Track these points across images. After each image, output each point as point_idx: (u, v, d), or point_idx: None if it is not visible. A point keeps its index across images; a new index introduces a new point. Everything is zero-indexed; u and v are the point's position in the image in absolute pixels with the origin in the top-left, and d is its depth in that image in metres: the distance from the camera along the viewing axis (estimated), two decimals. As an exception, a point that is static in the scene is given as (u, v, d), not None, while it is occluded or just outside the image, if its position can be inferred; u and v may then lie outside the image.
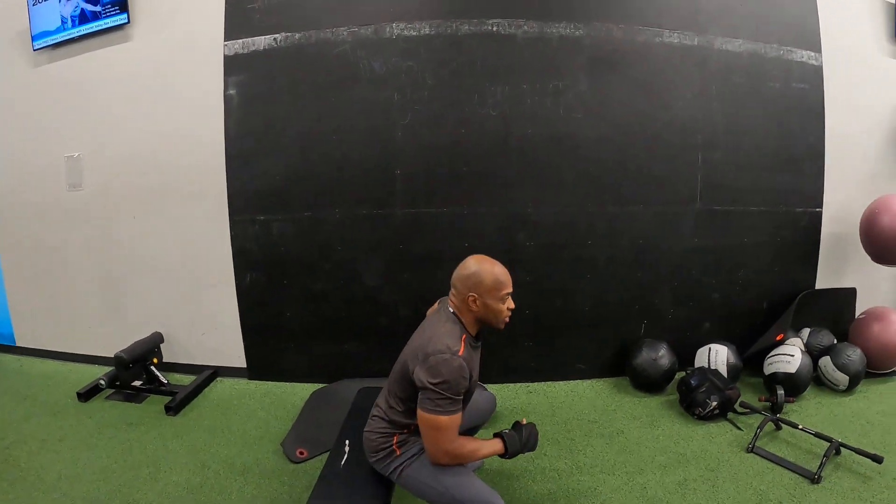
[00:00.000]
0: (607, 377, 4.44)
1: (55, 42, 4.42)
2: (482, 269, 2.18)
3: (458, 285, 2.22)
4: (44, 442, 3.49)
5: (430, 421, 2.04)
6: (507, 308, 2.23)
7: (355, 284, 4.22)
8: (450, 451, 2.08)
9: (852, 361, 4.05)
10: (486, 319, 2.23)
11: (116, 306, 4.69)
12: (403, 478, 2.23)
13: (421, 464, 2.22)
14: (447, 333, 2.14)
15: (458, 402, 2.06)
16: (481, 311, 2.20)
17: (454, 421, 2.06)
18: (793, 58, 4.42)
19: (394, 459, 2.25)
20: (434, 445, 2.09)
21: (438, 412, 2.02)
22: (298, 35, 4.03)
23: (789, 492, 2.89)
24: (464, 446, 2.13)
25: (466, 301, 2.18)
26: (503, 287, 2.19)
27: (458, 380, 2.04)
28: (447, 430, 2.05)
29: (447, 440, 2.07)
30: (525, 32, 4.01)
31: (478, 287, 2.16)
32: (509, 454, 2.25)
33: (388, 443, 2.27)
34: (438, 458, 2.11)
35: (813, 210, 4.60)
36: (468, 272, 2.19)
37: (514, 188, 4.10)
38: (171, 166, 4.32)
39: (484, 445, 2.21)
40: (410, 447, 2.26)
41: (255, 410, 3.95)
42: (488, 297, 2.17)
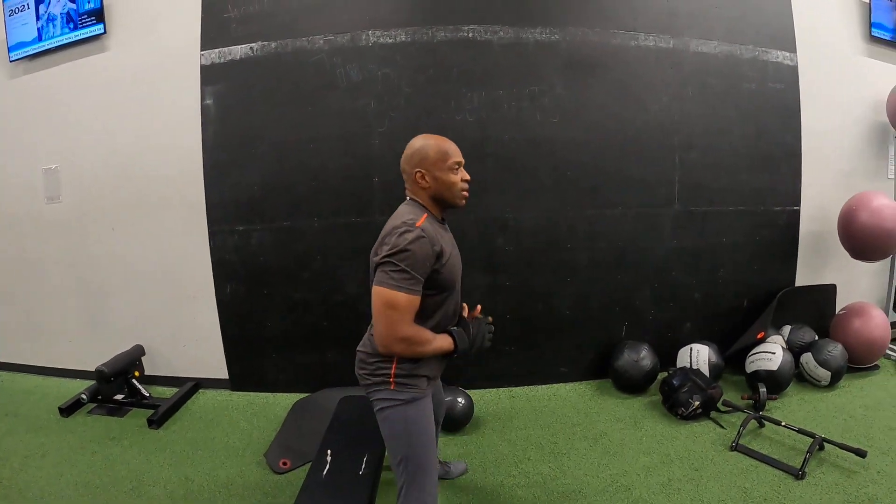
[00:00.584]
0: (590, 380, 4.45)
1: (32, 53, 4.41)
2: (426, 143, 2.10)
3: (405, 166, 2.13)
4: (26, 458, 3.45)
5: (385, 296, 1.87)
6: (460, 179, 2.12)
7: (336, 293, 4.21)
8: (406, 335, 1.91)
9: (834, 357, 4.08)
10: (441, 195, 2.12)
11: (96, 319, 4.66)
12: (382, 418, 2.09)
13: (404, 414, 2.06)
14: (404, 213, 2.04)
15: (417, 281, 1.90)
16: (433, 186, 2.09)
17: (412, 302, 1.90)
18: (768, 58, 4.46)
19: (384, 391, 2.07)
20: (388, 327, 1.90)
21: (395, 286, 1.86)
22: (275, 44, 4.02)
23: (774, 489, 2.91)
24: (419, 333, 1.96)
25: (415, 179, 2.09)
26: (449, 156, 2.09)
27: (418, 251, 1.89)
28: (404, 311, 1.89)
29: (403, 323, 1.90)
30: (501, 38, 4.02)
31: (423, 161, 2.07)
32: (459, 351, 2.09)
33: (386, 369, 2.07)
34: (391, 345, 1.93)
35: (791, 208, 4.64)
36: (413, 149, 2.11)
37: (493, 193, 4.11)
38: (149, 177, 4.30)
39: (436, 341, 2.02)
40: (405, 389, 2.06)
41: (238, 422, 3.93)
42: (436, 168, 2.07)
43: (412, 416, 2.07)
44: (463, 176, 2.13)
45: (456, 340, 2.08)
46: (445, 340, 2.06)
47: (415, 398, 2.07)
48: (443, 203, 2.15)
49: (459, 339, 2.09)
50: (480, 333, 2.18)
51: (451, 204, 2.15)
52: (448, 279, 2.04)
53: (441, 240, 2.01)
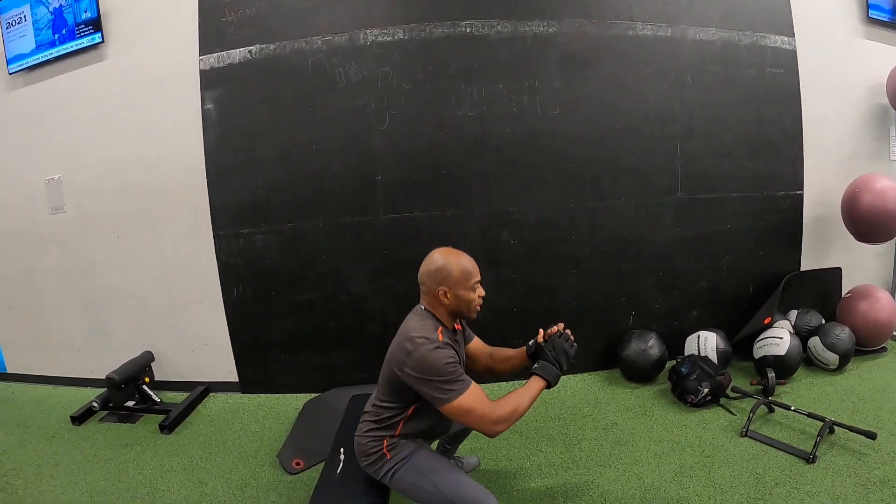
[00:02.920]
0: (598, 370, 4.46)
1: (31, 65, 4.41)
2: (449, 261, 2.17)
3: (426, 281, 2.20)
4: (40, 468, 3.46)
5: (455, 409, 2.01)
6: (477, 296, 2.22)
7: (342, 293, 4.22)
8: (495, 418, 2.03)
9: (841, 340, 4.08)
10: (458, 311, 2.22)
11: (105, 327, 4.66)
12: (396, 481, 2.20)
13: (412, 466, 2.18)
14: (421, 326, 2.12)
15: (462, 377, 2.04)
16: (453, 304, 2.18)
17: (474, 393, 2.03)
18: (766, 43, 4.45)
19: (385, 463, 2.21)
20: (479, 424, 2.04)
21: (454, 397, 1.99)
22: (273, 46, 4.02)
23: (785, 473, 2.91)
24: (506, 405, 2.07)
25: (437, 296, 2.17)
26: (472, 276, 2.18)
27: (449, 364, 2.01)
28: (477, 405, 2.01)
29: (485, 412, 2.02)
30: (498, 32, 4.02)
31: (447, 280, 2.14)
32: (551, 384, 2.22)
33: (378, 447, 2.23)
34: (495, 430, 2.05)
35: (794, 193, 4.63)
36: (435, 266, 2.17)
37: (495, 188, 4.11)
38: (152, 184, 4.31)
39: (526, 392, 2.15)
40: (400, 450, 2.21)
41: (250, 424, 3.94)
42: (458, 288, 2.16)
43: (419, 462, 2.19)
44: (480, 293, 2.24)
45: (544, 377, 2.20)
46: (537, 385, 2.19)
47: (413, 451, 2.21)
48: (458, 316, 2.28)
49: (545, 372, 2.21)
50: (559, 350, 2.30)
51: (465, 317, 2.28)
52: None
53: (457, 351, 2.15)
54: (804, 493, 2.72)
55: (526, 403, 2.11)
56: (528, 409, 2.13)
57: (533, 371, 2.23)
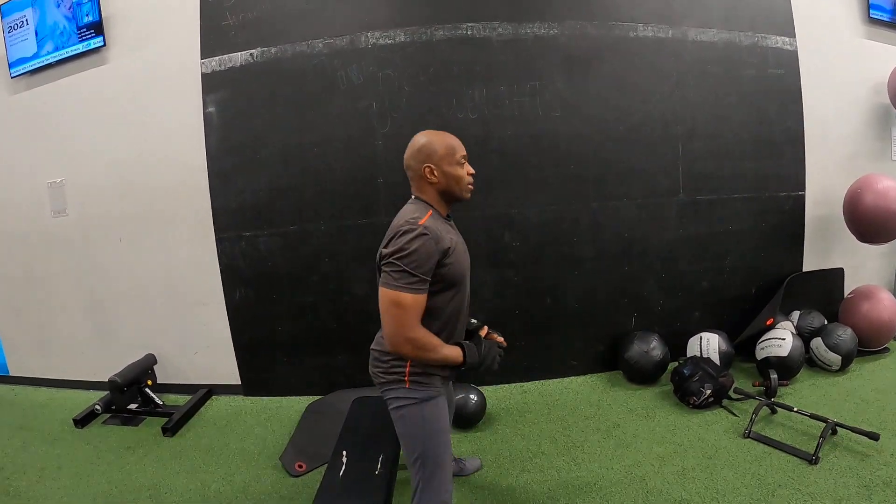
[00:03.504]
0: (601, 372, 4.45)
1: (33, 68, 4.42)
2: (431, 138, 2.10)
3: (411, 163, 2.12)
4: (43, 470, 3.47)
5: (391, 297, 1.89)
6: (466, 173, 2.14)
7: (344, 295, 4.23)
8: (412, 337, 1.92)
9: (844, 341, 4.08)
10: (448, 189, 2.12)
11: (107, 330, 4.68)
12: (398, 416, 2.10)
13: (420, 412, 2.07)
14: (409, 212, 2.04)
15: (423, 281, 1.91)
16: (441, 181, 2.10)
17: (418, 301, 1.91)
18: (767, 44, 4.45)
19: (399, 389, 2.09)
20: (395, 327, 1.92)
21: (399, 287, 1.88)
22: (275, 49, 4.03)
23: (788, 474, 2.91)
24: (428, 337, 1.96)
25: (424, 175, 2.09)
26: (457, 150, 2.11)
27: (421, 250, 1.89)
28: (409, 311, 1.90)
29: (410, 323, 1.91)
30: (500, 34, 4.02)
31: (432, 156, 2.07)
32: (466, 365, 2.07)
33: (400, 367, 2.09)
34: (399, 345, 1.94)
35: (796, 193, 4.63)
36: (419, 145, 2.10)
37: (498, 189, 4.11)
38: (154, 187, 4.32)
39: (446, 349, 2.02)
40: (420, 388, 2.08)
41: (252, 427, 3.95)
42: (444, 163, 2.07)
43: (428, 414, 2.07)
44: (468, 170, 2.15)
45: (466, 353, 2.07)
46: (454, 351, 2.05)
47: (430, 396, 2.07)
48: (450, 197, 2.16)
49: (469, 352, 2.08)
50: (491, 354, 2.17)
51: (457, 197, 2.16)
52: (455, 274, 2.03)
53: (447, 235, 2.01)
54: (807, 495, 2.72)
55: (438, 356, 2.00)
56: (434, 363, 2.02)
57: (461, 343, 2.12)
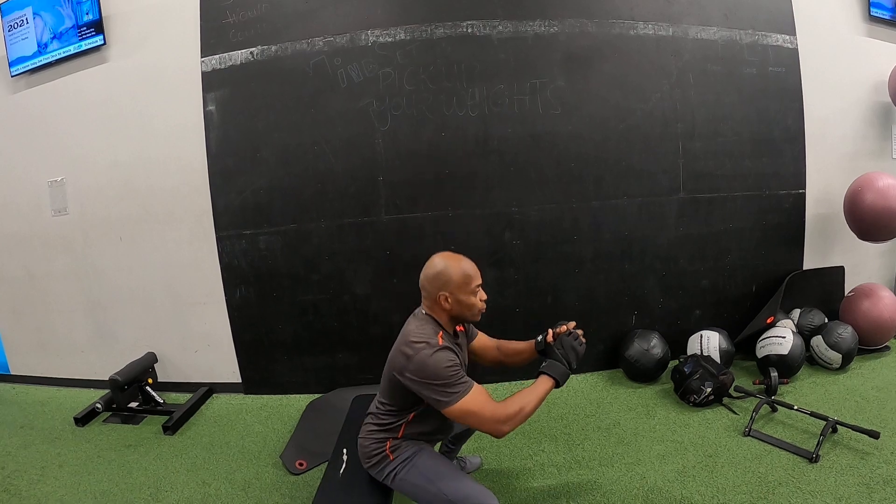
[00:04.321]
0: (601, 370, 4.45)
1: (33, 67, 4.42)
2: (449, 265, 2.14)
3: (427, 286, 2.18)
4: (44, 469, 3.47)
5: (458, 412, 1.98)
6: (479, 300, 2.19)
7: (345, 294, 4.23)
8: (500, 418, 1.99)
9: (844, 339, 4.08)
10: (460, 315, 2.19)
11: (108, 329, 4.67)
12: (398, 482, 2.19)
13: (414, 467, 2.17)
14: (421, 331, 2.10)
15: (464, 379, 2.01)
16: (455, 308, 2.16)
17: (477, 394, 2.00)
18: (768, 42, 4.44)
19: (388, 464, 2.21)
20: (484, 425, 2.00)
21: (456, 399, 1.96)
22: (275, 47, 4.03)
23: (788, 473, 2.91)
24: (512, 405, 2.02)
25: (438, 301, 2.15)
26: (472, 280, 2.15)
27: (448, 360, 2.00)
28: (481, 406, 1.98)
29: (490, 413, 1.98)
30: (500, 32, 4.02)
31: (447, 285, 2.12)
32: (559, 383, 2.16)
33: (381, 448, 2.23)
34: (501, 431, 2.00)
35: (796, 192, 4.63)
36: (435, 271, 2.15)
37: (498, 188, 4.11)
38: (154, 185, 4.31)
39: (533, 391, 2.09)
40: (403, 451, 2.20)
41: (253, 425, 3.95)
42: (460, 292, 2.13)
43: (421, 463, 2.18)
44: (482, 296, 2.20)
45: (552, 376, 2.15)
46: (545, 385, 2.13)
47: (416, 452, 2.20)
48: (460, 321, 2.24)
49: (553, 371, 2.16)
50: (568, 349, 2.25)
51: (467, 321, 2.26)
52: None
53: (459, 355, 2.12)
54: (807, 493, 2.72)
55: (533, 402, 2.06)
56: (537, 408, 2.07)
57: (541, 370, 2.18)
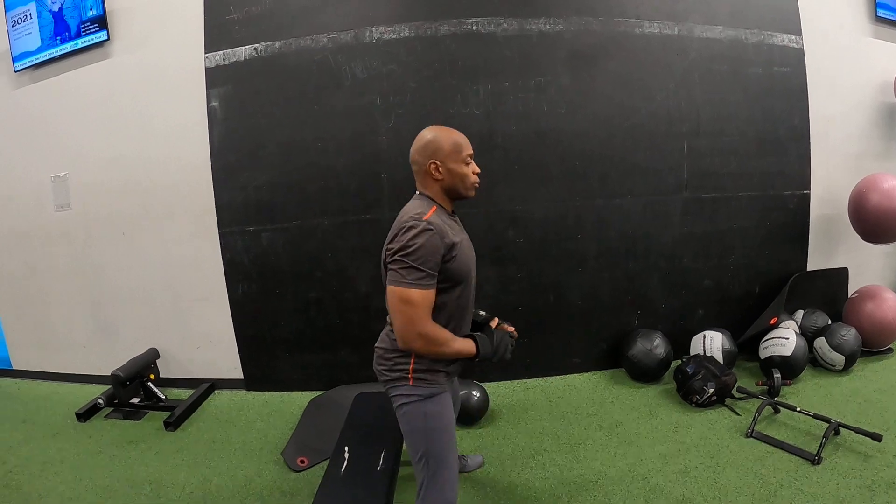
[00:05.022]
0: (603, 369, 4.45)
1: (36, 62, 4.42)
2: (438, 135, 2.08)
3: (417, 158, 2.11)
4: (45, 464, 3.47)
5: (400, 294, 1.88)
6: (472, 172, 2.12)
7: (347, 291, 4.23)
8: (424, 333, 1.91)
9: (847, 341, 4.07)
10: (453, 187, 2.11)
11: (110, 324, 4.68)
12: (402, 413, 2.10)
13: (423, 408, 2.06)
14: (413, 208, 2.03)
15: (430, 276, 1.90)
16: (446, 178, 2.08)
17: (426, 297, 1.90)
18: (774, 42, 4.43)
19: (403, 387, 2.08)
20: (405, 324, 1.90)
21: (408, 284, 1.86)
22: (279, 44, 4.02)
23: (790, 474, 2.90)
24: (440, 332, 1.95)
25: (429, 171, 2.08)
26: (463, 148, 2.09)
27: (427, 245, 1.88)
28: (419, 307, 1.88)
29: (420, 319, 1.89)
30: (504, 30, 4.01)
31: (437, 153, 2.06)
32: (479, 356, 2.06)
33: (404, 364, 2.08)
34: (411, 341, 1.93)
35: (801, 192, 4.61)
36: (425, 141, 2.09)
37: (501, 186, 4.11)
38: (157, 181, 4.32)
39: (458, 343, 2.01)
40: (424, 387, 2.07)
41: (254, 421, 3.95)
42: (450, 160, 2.06)
43: (431, 411, 2.06)
44: (474, 168, 2.13)
45: (479, 345, 2.06)
46: (467, 344, 2.04)
47: (434, 393, 2.06)
48: (454, 195, 2.14)
49: (482, 344, 2.07)
50: (504, 344, 2.16)
51: (462, 195, 2.15)
52: (460, 270, 2.01)
53: (451, 231, 2.00)
54: (809, 495, 2.71)
55: (451, 350, 1.99)
56: (447, 357, 2.03)
57: (476, 335, 2.10)
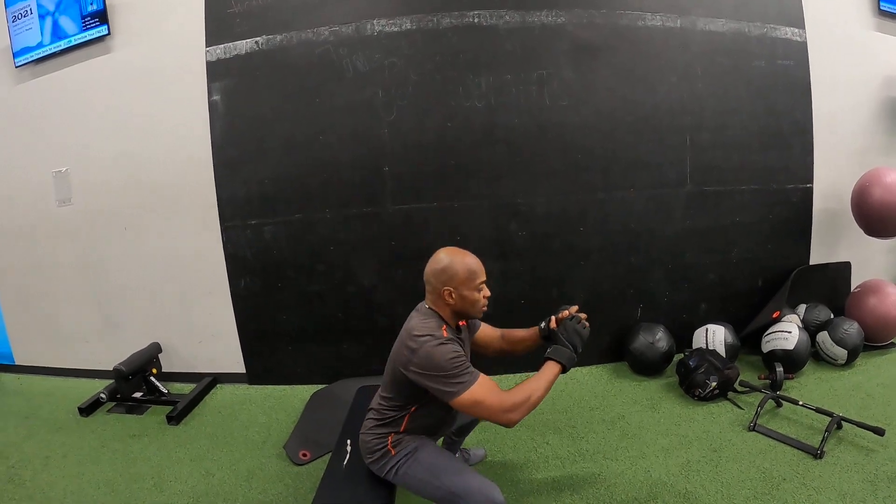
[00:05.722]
0: (606, 363, 4.45)
1: (37, 58, 4.40)
2: (454, 260, 2.14)
3: (431, 280, 2.18)
4: (48, 459, 3.48)
5: (465, 402, 1.97)
6: (483, 297, 2.19)
7: (350, 284, 4.22)
8: (508, 407, 1.98)
9: (850, 335, 4.05)
10: (463, 311, 2.20)
11: (112, 319, 4.68)
12: (401, 476, 2.18)
13: (417, 461, 2.16)
14: (425, 324, 2.10)
15: (469, 370, 2.00)
16: (458, 304, 2.16)
17: (483, 384, 1.99)
18: (777, 35, 4.41)
19: (389, 459, 2.20)
20: (492, 415, 1.99)
21: (462, 390, 1.96)
22: (280, 37, 4.01)
23: (793, 468, 2.90)
24: (520, 393, 2.02)
25: (442, 295, 2.15)
26: (477, 276, 2.15)
27: (454, 353, 2.00)
28: (487, 395, 1.97)
29: (498, 401, 1.97)
30: (506, 22, 3.99)
31: (452, 280, 2.12)
32: (566, 369, 2.17)
33: (382, 443, 2.22)
34: (510, 419, 1.99)
35: (804, 186, 4.60)
36: (441, 266, 2.15)
37: (504, 179, 4.10)
38: (159, 176, 4.31)
39: (540, 377, 2.09)
40: (405, 446, 2.20)
41: (257, 415, 3.95)
42: (464, 288, 2.13)
43: (423, 457, 2.17)
44: (485, 293, 2.20)
45: (559, 361, 2.15)
46: (551, 370, 2.13)
47: (416, 447, 2.18)
48: (463, 316, 2.24)
49: (559, 357, 2.16)
50: (573, 333, 2.27)
51: (470, 318, 2.27)
52: None
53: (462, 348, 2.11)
54: (811, 489, 2.71)
55: (542, 389, 2.06)
56: (545, 394, 2.07)
57: (546, 356, 2.18)
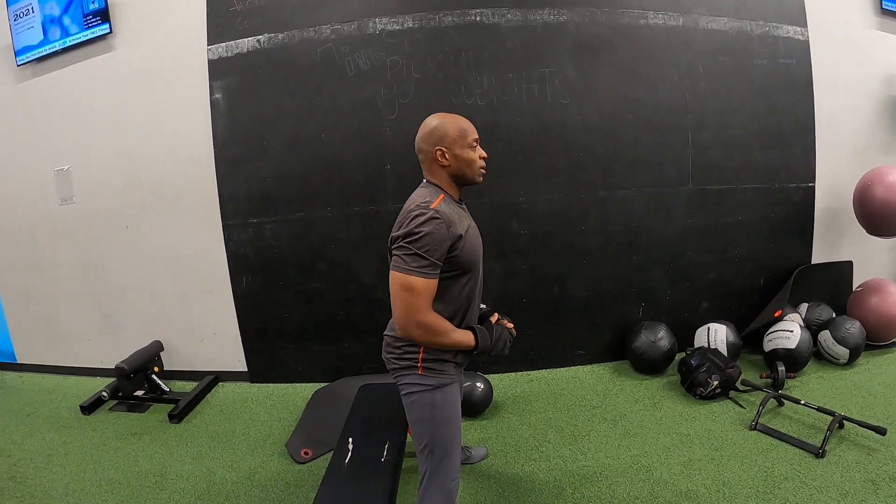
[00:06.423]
0: (607, 361, 4.45)
1: (39, 56, 4.40)
2: (443, 121, 2.06)
3: (422, 146, 2.09)
4: (49, 457, 3.49)
5: (401, 280, 1.85)
6: (479, 156, 2.10)
7: (350, 282, 4.23)
8: (423, 321, 1.88)
9: (852, 334, 4.05)
10: (460, 173, 2.08)
11: (114, 317, 4.69)
12: (409, 402, 2.08)
13: (430, 401, 2.05)
14: (420, 196, 2.01)
15: (434, 265, 1.87)
16: (453, 164, 2.06)
17: (429, 286, 1.87)
18: (779, 33, 4.40)
19: (412, 376, 2.06)
20: (406, 311, 1.87)
21: (410, 271, 1.84)
22: (282, 35, 4.01)
23: (794, 467, 2.90)
24: (439, 322, 1.93)
25: (435, 158, 2.05)
26: (469, 133, 2.06)
27: (434, 234, 1.85)
28: (420, 295, 1.86)
29: (420, 308, 1.87)
30: (508, 21, 3.99)
31: (443, 139, 2.03)
32: (478, 349, 2.05)
33: (413, 353, 2.06)
34: (409, 329, 1.90)
35: (805, 185, 4.59)
36: (430, 127, 2.06)
37: (505, 178, 4.09)
38: (161, 174, 4.32)
39: (459, 334, 2.00)
40: (433, 377, 2.04)
41: (258, 413, 3.96)
42: (456, 146, 2.04)
43: (439, 401, 2.05)
44: (480, 153, 2.11)
45: (478, 338, 2.04)
46: (466, 336, 2.02)
47: (443, 384, 2.05)
48: (462, 181, 2.12)
49: (481, 337, 2.05)
50: (502, 339, 2.15)
51: (469, 181, 2.13)
52: (468, 260, 2.00)
53: (459, 220, 1.98)
54: (813, 488, 2.71)
55: (450, 340, 1.97)
56: (447, 347, 2.00)
57: (476, 328, 2.09)
